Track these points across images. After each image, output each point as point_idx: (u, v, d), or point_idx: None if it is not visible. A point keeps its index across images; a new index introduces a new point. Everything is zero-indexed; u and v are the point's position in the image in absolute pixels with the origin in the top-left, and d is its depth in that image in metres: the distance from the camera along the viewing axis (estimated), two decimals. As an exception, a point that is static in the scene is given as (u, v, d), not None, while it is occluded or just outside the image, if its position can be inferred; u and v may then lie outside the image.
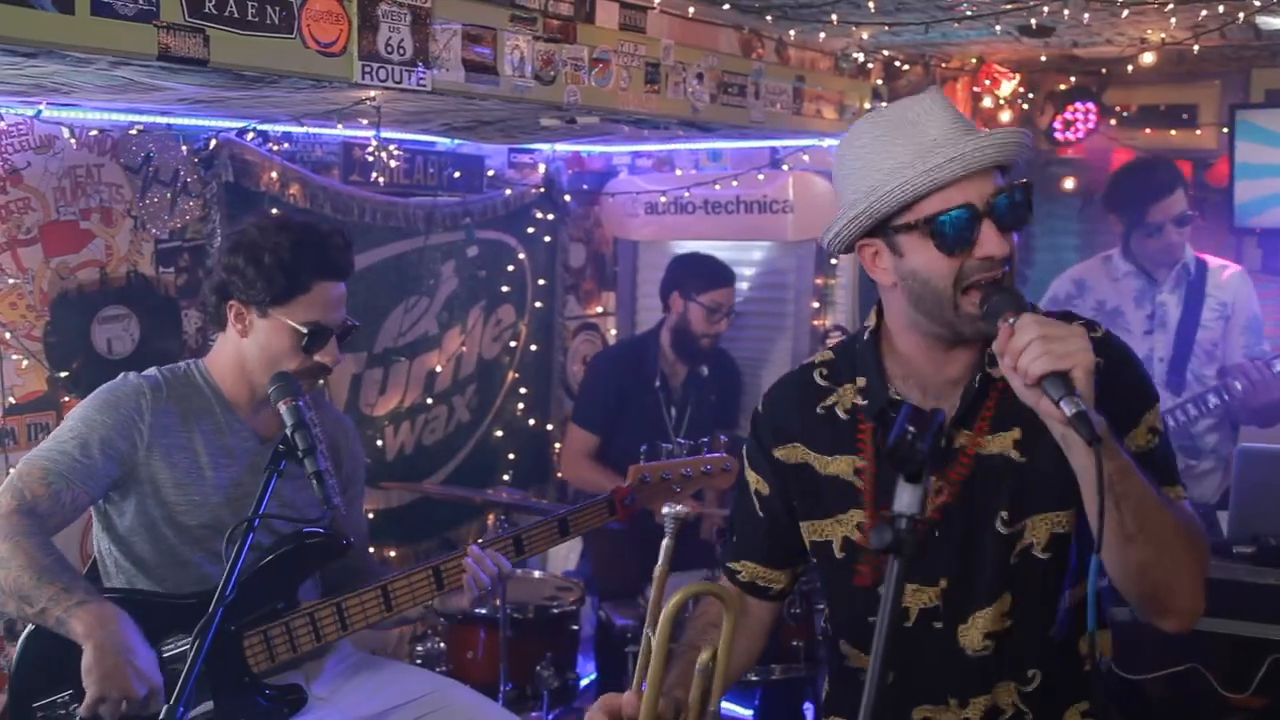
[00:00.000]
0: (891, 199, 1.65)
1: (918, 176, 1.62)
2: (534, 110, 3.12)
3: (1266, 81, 5.04)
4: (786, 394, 1.92)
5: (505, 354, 4.60)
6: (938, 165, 1.61)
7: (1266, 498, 2.99)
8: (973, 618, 1.75)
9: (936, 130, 1.65)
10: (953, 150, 1.61)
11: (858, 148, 1.71)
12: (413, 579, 2.55)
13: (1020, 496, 1.72)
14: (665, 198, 4.72)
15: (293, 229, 2.45)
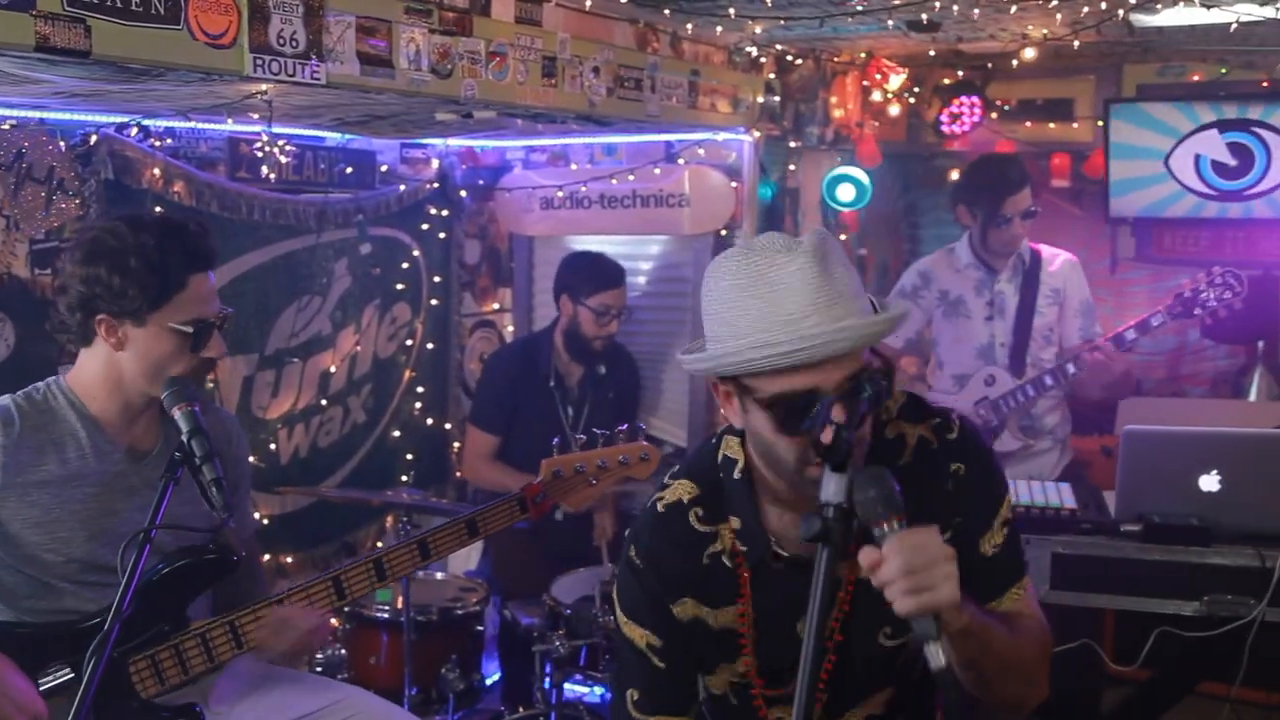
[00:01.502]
0: (734, 367, 1.58)
1: (760, 357, 1.53)
2: (430, 104, 3.06)
3: (1138, 76, 5.25)
4: (666, 545, 1.79)
5: (401, 353, 4.52)
6: (781, 349, 1.51)
7: (1151, 477, 3.09)
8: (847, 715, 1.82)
9: (794, 304, 1.53)
10: (804, 331, 1.51)
11: (718, 286, 1.61)
12: (311, 591, 2.47)
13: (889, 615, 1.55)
14: (562, 193, 4.68)
15: (149, 226, 2.29)
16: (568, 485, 2.94)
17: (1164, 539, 3.07)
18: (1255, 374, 5.34)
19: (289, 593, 2.45)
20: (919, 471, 1.69)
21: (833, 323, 1.51)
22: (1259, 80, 4.93)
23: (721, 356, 1.58)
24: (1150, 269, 5.57)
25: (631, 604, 1.80)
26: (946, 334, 4.06)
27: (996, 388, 3.91)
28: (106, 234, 2.25)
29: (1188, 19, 3.68)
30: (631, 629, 1.80)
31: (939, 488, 1.70)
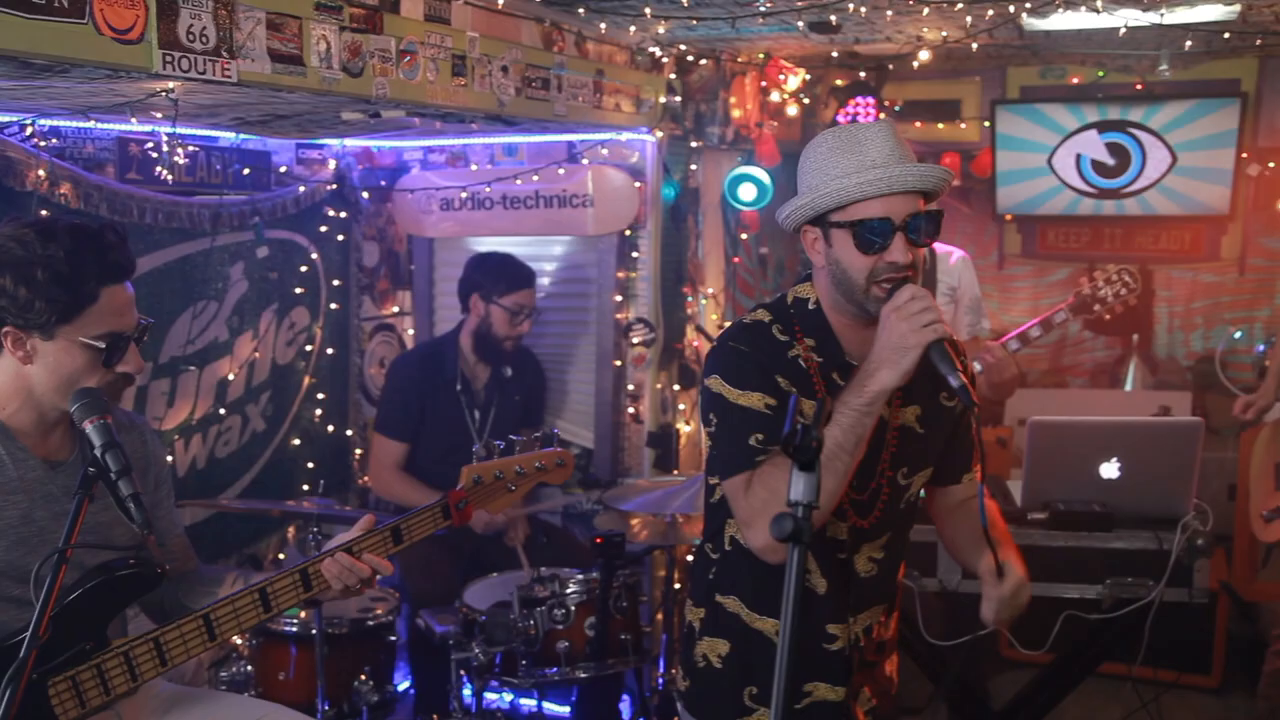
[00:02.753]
0: (828, 199, 2.02)
1: (852, 186, 1.99)
2: (337, 104, 2.98)
3: (1021, 79, 5.43)
4: (759, 339, 2.15)
5: (300, 358, 4.39)
6: (869, 180, 1.98)
7: (1056, 466, 3.20)
8: (864, 548, 2.20)
9: (876, 153, 2.01)
10: (884, 172, 1.98)
11: (817, 153, 2.07)
12: (237, 604, 2.38)
13: (916, 459, 2.21)
14: (465, 194, 4.62)
15: (60, 235, 2.15)
16: (488, 492, 2.90)
17: (1069, 525, 3.18)
18: (1131, 364, 5.59)
19: (215, 605, 2.35)
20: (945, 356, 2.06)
21: (900, 164, 2.00)
22: (1134, 83, 5.14)
23: (819, 196, 2.02)
24: (1034, 264, 5.78)
25: (741, 378, 2.10)
26: None
27: None
28: (13, 242, 2.11)
29: (1076, 23, 3.81)
30: (748, 398, 2.09)
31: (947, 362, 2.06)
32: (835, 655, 2.21)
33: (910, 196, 2.01)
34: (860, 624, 2.23)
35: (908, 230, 2.00)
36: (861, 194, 1.99)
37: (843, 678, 2.21)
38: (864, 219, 2.00)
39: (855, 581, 2.21)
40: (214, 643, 2.39)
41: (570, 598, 3.44)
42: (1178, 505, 3.16)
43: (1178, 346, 5.67)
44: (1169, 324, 5.67)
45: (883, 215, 2.00)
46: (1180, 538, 3.10)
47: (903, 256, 2.00)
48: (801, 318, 2.18)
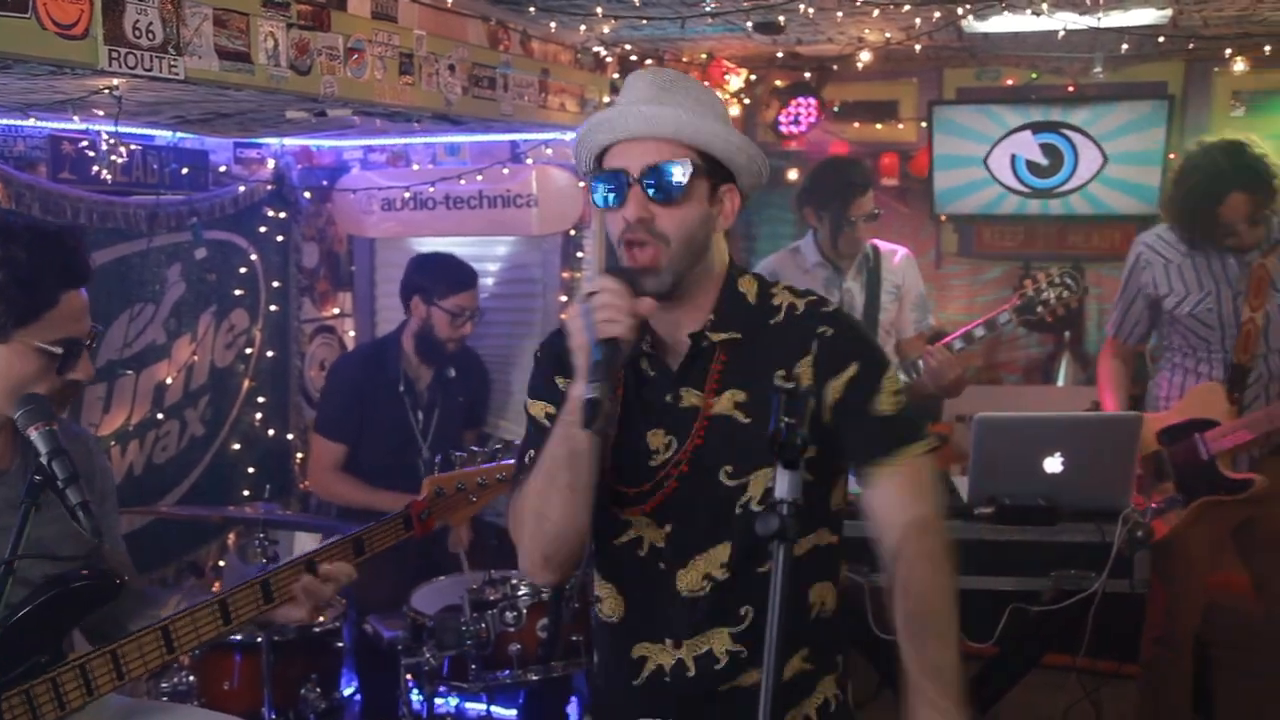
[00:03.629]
0: (582, 150, 1.83)
1: (586, 132, 1.79)
2: (281, 102, 2.93)
3: (957, 80, 5.51)
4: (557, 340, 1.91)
5: (240, 361, 4.31)
6: (597, 122, 1.77)
7: (1002, 462, 3.24)
8: (692, 562, 1.84)
9: (625, 96, 1.79)
10: (619, 113, 1.75)
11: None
12: (196, 616, 2.32)
13: (744, 453, 1.81)
14: (408, 194, 4.57)
15: (21, 237, 2.10)
16: (450, 503, 2.88)
17: (1014, 520, 3.22)
18: (1063, 360, 5.70)
19: (174, 617, 2.29)
20: (785, 331, 1.85)
21: (642, 107, 1.73)
22: (1066, 85, 5.25)
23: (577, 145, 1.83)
24: (971, 263, 5.86)
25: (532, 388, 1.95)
26: None
27: None
28: None
29: (1017, 25, 3.88)
30: (534, 407, 1.93)
31: (802, 347, 1.83)
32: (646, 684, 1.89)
33: (658, 145, 1.73)
34: (689, 650, 1.86)
35: (644, 183, 1.72)
36: (594, 139, 1.78)
37: (668, 710, 1.89)
38: (602, 171, 1.78)
39: (675, 599, 1.85)
40: (172, 655, 2.34)
41: (522, 600, 3.41)
42: (1119, 498, 3.22)
43: (1107, 342, 5.80)
44: (1099, 320, 5.78)
45: (619, 167, 1.75)
46: (1121, 529, 3.15)
47: (632, 212, 1.72)
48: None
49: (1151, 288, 3.64)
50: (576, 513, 1.77)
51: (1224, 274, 3.51)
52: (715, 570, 1.83)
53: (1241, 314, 3.48)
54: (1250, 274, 3.46)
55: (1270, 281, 3.46)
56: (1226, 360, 3.54)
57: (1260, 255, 3.47)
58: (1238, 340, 3.49)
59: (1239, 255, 3.48)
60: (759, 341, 1.84)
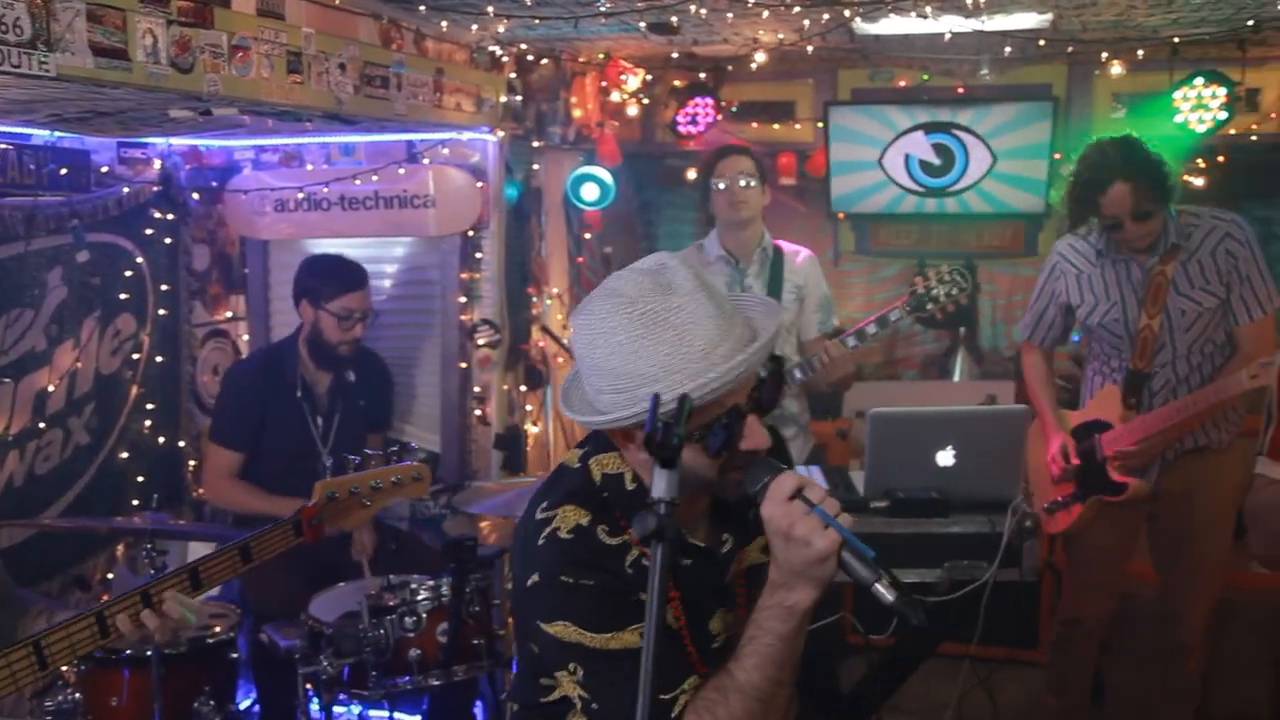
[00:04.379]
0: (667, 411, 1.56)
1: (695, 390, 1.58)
2: (163, 100, 2.85)
3: (851, 81, 5.60)
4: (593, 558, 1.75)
5: (127, 368, 4.18)
6: (706, 384, 1.59)
7: (896, 456, 3.30)
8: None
9: (703, 339, 1.63)
10: (724, 365, 1.60)
11: (613, 343, 1.65)
12: (71, 630, 2.25)
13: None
14: (301, 194, 4.48)
15: None
16: (342, 507, 2.83)
17: (908, 512, 3.28)
18: (959, 356, 5.83)
19: (48, 631, 2.22)
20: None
21: (743, 347, 1.64)
22: (956, 86, 5.37)
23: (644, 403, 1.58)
24: (867, 261, 5.97)
25: (602, 619, 1.72)
26: None
27: None
28: None
29: (904, 28, 3.95)
30: (620, 639, 1.71)
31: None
32: None
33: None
34: None
35: (757, 408, 1.69)
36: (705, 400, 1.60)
37: None
38: (710, 423, 1.64)
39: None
40: (45, 673, 2.26)
41: (421, 604, 3.37)
42: (1008, 489, 3.30)
43: (1000, 338, 5.95)
44: (992, 316, 5.93)
45: (730, 408, 1.65)
46: (1010, 520, 3.23)
47: (760, 441, 1.67)
48: (620, 502, 1.79)
49: (1064, 296, 3.69)
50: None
51: (1129, 283, 3.54)
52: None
53: (1140, 321, 3.52)
54: (1149, 281, 3.50)
55: (1169, 288, 3.47)
56: (1126, 368, 3.60)
57: (1160, 262, 3.49)
58: (1135, 346, 3.55)
59: (1143, 264, 3.51)
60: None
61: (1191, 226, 3.50)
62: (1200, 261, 3.47)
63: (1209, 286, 3.45)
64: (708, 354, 1.61)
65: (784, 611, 1.62)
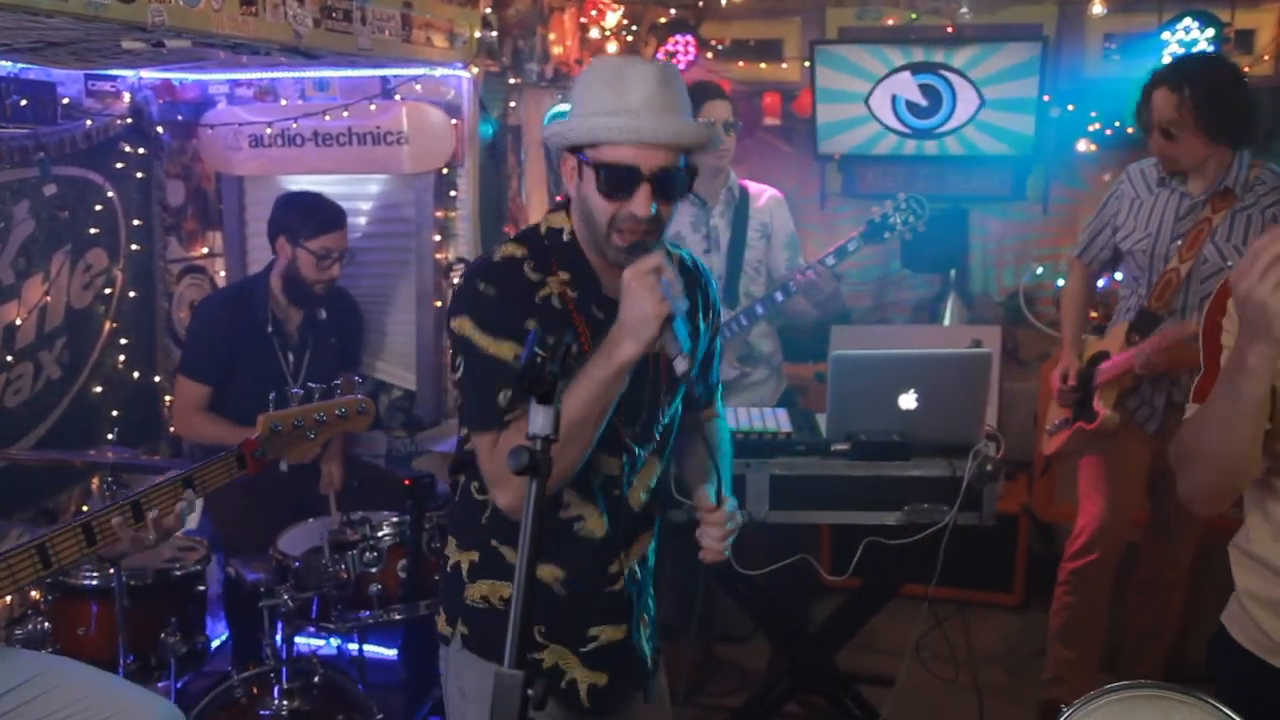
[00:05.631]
0: (579, 134, 1.97)
1: (599, 126, 1.93)
2: (113, 31, 2.80)
3: (839, 19, 5.50)
4: (511, 279, 2.04)
5: (100, 302, 4.18)
6: (618, 126, 1.92)
7: (858, 399, 3.29)
8: (638, 479, 2.20)
9: (637, 97, 1.93)
10: (635, 120, 1.91)
11: (586, 80, 2.01)
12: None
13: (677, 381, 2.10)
14: (271, 129, 4.44)
15: None
16: (286, 440, 2.84)
17: (869, 456, 3.28)
18: (949, 300, 5.79)
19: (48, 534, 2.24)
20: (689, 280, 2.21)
21: (658, 115, 1.93)
22: (945, 26, 5.27)
23: (574, 126, 1.97)
24: (856, 203, 5.90)
25: (492, 323, 2.00)
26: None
27: None
28: None
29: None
30: (498, 346, 2.00)
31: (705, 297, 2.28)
32: (617, 595, 2.20)
33: (665, 150, 1.95)
34: (634, 557, 2.23)
35: (655, 184, 1.95)
36: (609, 137, 1.94)
37: (624, 616, 2.21)
38: (611, 163, 1.94)
39: (629, 516, 2.20)
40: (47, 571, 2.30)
41: (382, 540, 3.40)
42: (970, 433, 3.28)
43: (990, 283, 5.90)
44: (983, 261, 5.88)
45: (631, 163, 1.94)
46: (972, 464, 3.23)
47: (642, 209, 1.95)
48: (556, 249, 2.10)
49: (1115, 216, 3.69)
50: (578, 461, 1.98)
51: (1171, 217, 3.51)
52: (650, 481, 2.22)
53: (1170, 261, 3.50)
54: (1193, 223, 3.45)
55: (1208, 235, 3.42)
56: (1142, 304, 3.59)
57: (1210, 207, 3.43)
58: (1156, 285, 3.53)
59: (1192, 200, 3.47)
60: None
61: (1260, 181, 3.43)
62: (1250, 217, 3.41)
63: (1244, 246, 3.36)
64: (629, 110, 1.92)
65: (606, 359, 1.89)
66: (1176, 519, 3.73)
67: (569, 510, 2.16)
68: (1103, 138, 5.21)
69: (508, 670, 1.25)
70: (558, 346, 1.53)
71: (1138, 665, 3.85)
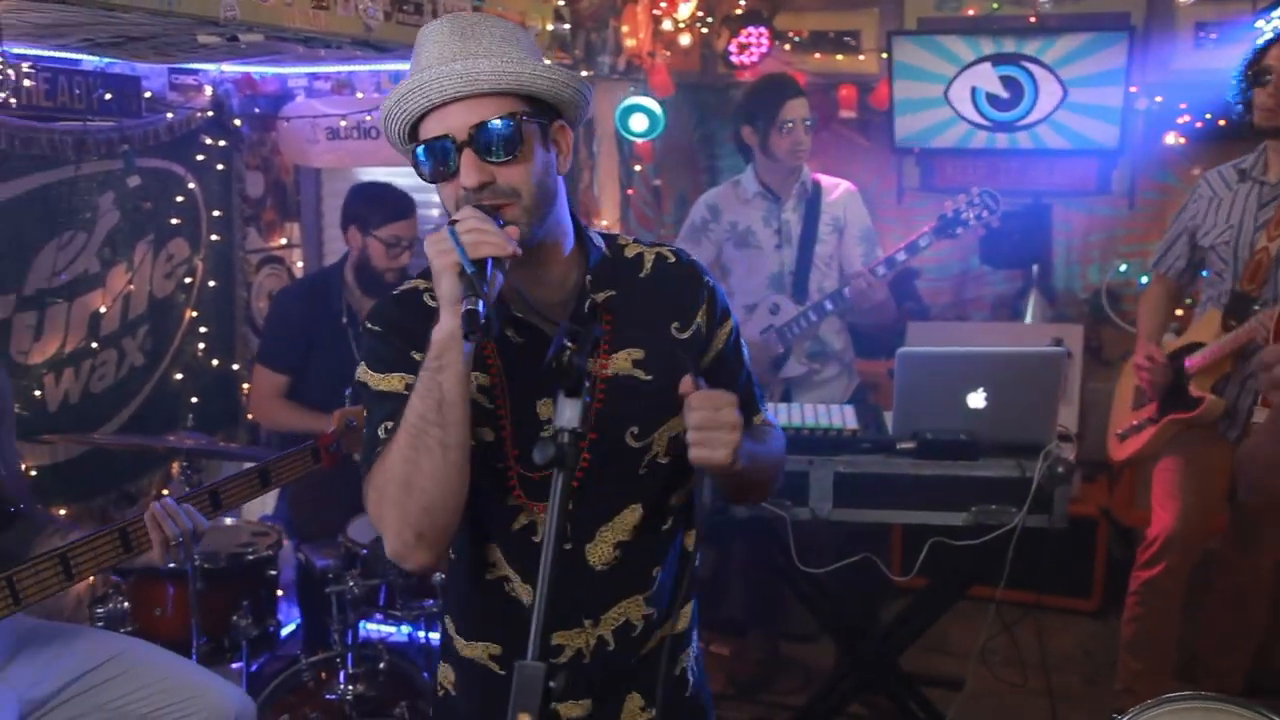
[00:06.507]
0: (391, 122, 1.68)
1: (391, 104, 1.65)
2: (189, 26, 2.87)
3: (918, 9, 5.41)
4: (404, 312, 1.77)
5: (180, 291, 4.29)
6: (406, 92, 1.62)
7: (924, 397, 3.24)
8: (599, 533, 1.79)
9: (428, 55, 1.63)
10: (424, 77, 1.60)
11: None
12: (95, 543, 2.34)
13: (648, 414, 1.77)
14: (345, 122, 4.51)
15: None
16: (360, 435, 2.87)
17: (935, 454, 3.23)
18: (1031, 297, 5.65)
19: (70, 546, 2.31)
20: (661, 283, 1.83)
21: (445, 66, 1.60)
22: (1027, 15, 5.15)
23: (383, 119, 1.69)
24: (934, 198, 5.78)
25: (380, 361, 1.75)
26: (740, 265, 4.11)
27: (781, 315, 3.99)
28: None
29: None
30: (388, 380, 1.73)
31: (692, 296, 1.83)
32: (567, 667, 1.80)
33: (480, 102, 1.61)
34: (607, 625, 1.82)
35: (475, 145, 1.61)
36: (403, 112, 1.65)
37: (584, 690, 1.82)
38: (424, 141, 1.65)
39: (588, 576, 1.79)
40: (71, 582, 2.36)
41: (447, 529, 3.43)
42: (1041, 434, 3.21)
43: (1075, 279, 5.75)
44: (1067, 257, 5.74)
45: (440, 134, 1.63)
46: (1042, 465, 3.16)
47: (470, 178, 1.61)
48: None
49: (1192, 219, 3.63)
50: (450, 476, 1.60)
51: (1255, 203, 3.47)
52: (625, 535, 1.79)
53: (1257, 244, 3.43)
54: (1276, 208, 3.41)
55: None
56: (1235, 290, 3.50)
57: None
58: (1246, 266, 3.45)
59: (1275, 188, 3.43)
60: (636, 296, 1.79)
61: None
62: None
63: None
64: (420, 69, 1.62)
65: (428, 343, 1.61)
66: (1259, 529, 3.60)
67: (495, 570, 1.82)
68: (1193, 130, 5.04)
69: (530, 662, 1.24)
70: (585, 339, 1.48)
71: (1215, 678, 3.72)
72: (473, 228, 1.55)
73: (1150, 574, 3.66)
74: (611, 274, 1.80)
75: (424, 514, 1.62)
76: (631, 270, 1.83)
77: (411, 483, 1.61)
